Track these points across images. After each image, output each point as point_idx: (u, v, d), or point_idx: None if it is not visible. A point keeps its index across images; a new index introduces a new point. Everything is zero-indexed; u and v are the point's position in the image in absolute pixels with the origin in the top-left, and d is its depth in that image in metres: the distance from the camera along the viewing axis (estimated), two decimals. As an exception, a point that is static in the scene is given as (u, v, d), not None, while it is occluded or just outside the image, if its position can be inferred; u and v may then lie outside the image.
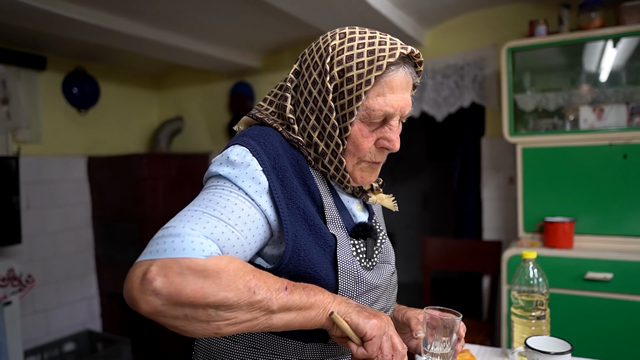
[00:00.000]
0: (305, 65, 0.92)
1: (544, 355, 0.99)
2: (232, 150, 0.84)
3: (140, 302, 0.65)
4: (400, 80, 0.87)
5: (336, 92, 0.87)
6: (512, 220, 2.81)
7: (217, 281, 0.66)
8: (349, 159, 0.91)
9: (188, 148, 3.94)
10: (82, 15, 2.37)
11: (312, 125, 0.89)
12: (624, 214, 2.19)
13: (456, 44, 2.95)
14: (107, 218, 3.36)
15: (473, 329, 2.59)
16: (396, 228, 5.45)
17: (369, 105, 0.86)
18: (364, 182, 0.95)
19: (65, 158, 3.26)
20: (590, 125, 2.30)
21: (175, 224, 0.72)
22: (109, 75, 3.60)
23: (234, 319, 0.68)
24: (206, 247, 0.69)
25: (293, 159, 0.88)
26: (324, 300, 0.77)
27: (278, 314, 0.72)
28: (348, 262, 0.87)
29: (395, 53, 0.84)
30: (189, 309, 0.65)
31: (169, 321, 0.67)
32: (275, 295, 0.71)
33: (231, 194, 0.80)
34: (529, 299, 1.21)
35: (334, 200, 0.94)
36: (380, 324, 0.77)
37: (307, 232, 0.85)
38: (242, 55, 3.42)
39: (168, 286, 0.64)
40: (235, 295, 0.67)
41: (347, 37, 0.88)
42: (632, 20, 2.17)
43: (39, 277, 3.04)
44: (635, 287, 2.00)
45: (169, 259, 0.66)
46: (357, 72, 0.84)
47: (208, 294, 0.65)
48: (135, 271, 0.67)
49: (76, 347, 3.19)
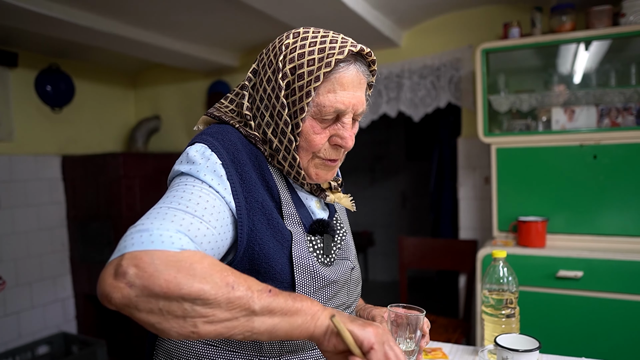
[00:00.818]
0: (262, 64, 0.94)
1: (512, 352, 1.01)
2: (191, 148, 0.86)
3: (113, 293, 0.63)
4: (351, 77, 0.88)
5: (288, 89, 0.88)
6: (488, 219, 2.86)
7: (191, 272, 0.64)
8: (303, 155, 0.92)
9: (165, 147, 3.90)
10: (55, 12, 2.32)
11: (267, 122, 0.91)
12: (594, 213, 2.24)
13: (433, 44, 2.98)
14: (82, 218, 3.30)
15: (449, 327, 2.62)
16: (375, 227, 5.49)
17: (319, 102, 0.87)
18: (320, 179, 0.95)
19: (38, 157, 3.19)
20: (562, 126, 2.35)
21: (143, 221, 0.71)
22: (84, 72, 3.53)
23: (212, 316, 0.65)
24: (176, 240, 0.68)
25: (252, 154, 0.90)
26: (312, 307, 0.72)
27: (260, 317, 0.68)
28: (303, 257, 0.88)
29: (345, 50, 0.86)
30: (163, 301, 0.63)
31: (144, 316, 0.64)
32: (257, 295, 0.67)
33: (194, 188, 0.80)
34: (499, 297, 1.23)
35: (292, 197, 0.95)
36: (378, 331, 0.72)
37: (266, 226, 0.85)
38: (220, 54, 3.40)
39: (141, 276, 0.62)
40: (212, 288, 0.64)
41: (301, 36, 0.90)
42: (600, 24, 2.22)
43: (10, 278, 2.98)
44: (604, 284, 2.05)
45: (138, 251, 0.65)
46: (307, 69, 0.86)
47: (182, 284, 0.62)
48: (106, 269, 0.66)
49: (50, 350, 3.13)
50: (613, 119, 2.28)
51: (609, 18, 2.22)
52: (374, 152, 5.54)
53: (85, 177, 3.26)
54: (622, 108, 2.26)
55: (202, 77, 3.74)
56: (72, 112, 3.45)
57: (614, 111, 2.28)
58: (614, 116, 2.28)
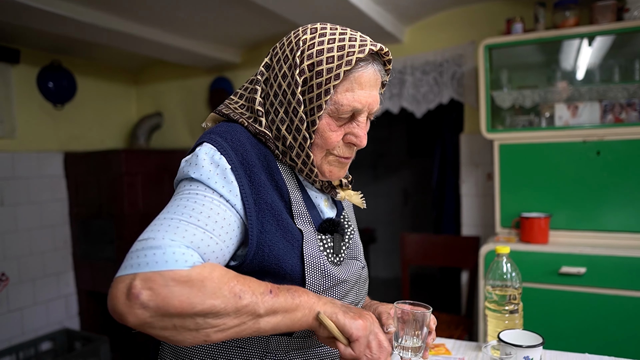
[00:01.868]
0: (276, 58, 0.92)
1: (516, 348, 1.01)
2: (201, 149, 0.85)
3: (128, 315, 0.66)
4: (369, 76, 0.88)
5: (305, 85, 0.87)
6: (490, 215, 2.85)
7: (202, 290, 0.67)
8: (317, 152, 0.91)
9: (167, 144, 3.90)
10: (57, 8, 2.32)
11: (281, 118, 0.90)
12: (597, 209, 2.24)
13: (435, 40, 2.97)
14: (84, 215, 3.31)
15: (452, 324, 2.62)
16: (377, 224, 5.49)
17: (337, 100, 0.87)
18: (333, 176, 0.95)
19: (40, 153, 3.19)
20: (565, 122, 2.35)
21: (153, 235, 0.71)
22: (86, 69, 3.53)
23: (222, 325, 0.69)
24: (188, 257, 0.69)
25: (260, 154, 0.89)
26: (309, 301, 0.78)
27: (265, 318, 0.73)
28: (314, 256, 0.88)
29: (365, 49, 0.85)
30: (177, 319, 0.67)
31: (158, 332, 0.68)
32: (261, 299, 0.72)
33: (205, 198, 0.80)
34: (502, 293, 1.23)
35: (302, 195, 0.94)
36: (366, 324, 0.79)
37: (275, 227, 0.85)
38: (222, 50, 3.39)
39: (155, 298, 0.65)
40: (222, 302, 0.68)
41: (318, 32, 0.89)
42: (604, 19, 2.21)
43: (13, 275, 2.99)
44: (607, 280, 2.05)
45: (151, 272, 0.66)
46: (326, 66, 0.85)
47: (195, 303, 0.66)
48: (117, 286, 0.67)
49: (53, 346, 3.14)
50: (616, 114, 2.27)
51: (612, 13, 2.20)
52: (376, 149, 5.53)
53: (87, 174, 3.26)
54: (626, 104, 2.25)
55: (204, 73, 3.74)
56: (74, 109, 3.45)
57: (618, 107, 2.27)
58: (617, 112, 2.27)
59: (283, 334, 0.88)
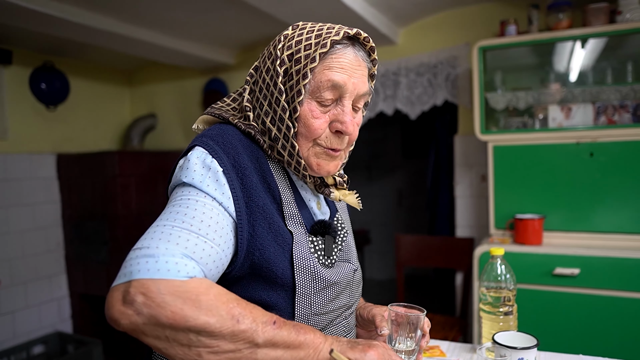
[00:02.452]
0: (262, 58, 0.94)
1: (511, 350, 1.01)
2: (192, 154, 0.84)
3: (121, 319, 0.65)
4: (349, 58, 0.87)
5: (286, 75, 0.88)
6: (484, 217, 2.86)
7: (197, 304, 0.66)
8: (302, 142, 0.90)
9: (161, 145, 3.88)
10: (50, 9, 2.30)
11: (265, 111, 0.90)
12: (591, 210, 2.25)
13: (429, 42, 2.98)
14: (77, 217, 3.28)
15: (446, 325, 2.62)
16: (372, 225, 5.49)
17: (316, 80, 0.86)
18: (322, 170, 0.92)
19: (33, 155, 3.17)
20: (559, 124, 2.36)
21: (147, 243, 0.71)
22: (79, 70, 3.51)
23: (216, 347, 0.67)
24: (181, 267, 0.68)
25: (252, 155, 0.88)
26: (315, 340, 0.74)
27: (264, 349, 0.70)
28: (304, 258, 0.87)
29: (340, 32, 0.86)
30: (170, 330, 0.65)
31: (152, 341, 0.67)
32: (262, 328, 0.69)
33: (198, 203, 0.79)
34: (497, 295, 1.23)
35: (294, 196, 0.94)
36: (379, 351, 0.76)
37: (267, 231, 0.85)
38: (216, 51, 3.38)
39: (149, 305, 0.64)
40: (218, 322, 0.66)
41: (300, 27, 0.91)
42: (597, 21, 2.22)
43: (5, 278, 2.96)
44: (601, 281, 2.06)
45: (145, 279, 0.66)
46: (304, 53, 0.86)
47: (188, 316, 0.65)
48: (113, 295, 0.67)
49: (45, 350, 3.11)
50: (609, 116, 2.28)
51: (605, 15, 2.22)
52: (370, 150, 5.53)
53: (80, 176, 3.24)
54: (619, 105, 2.27)
55: (198, 75, 3.73)
56: (67, 111, 3.43)
57: (611, 109, 2.28)
58: (610, 114, 2.28)
59: None
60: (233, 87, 3.59)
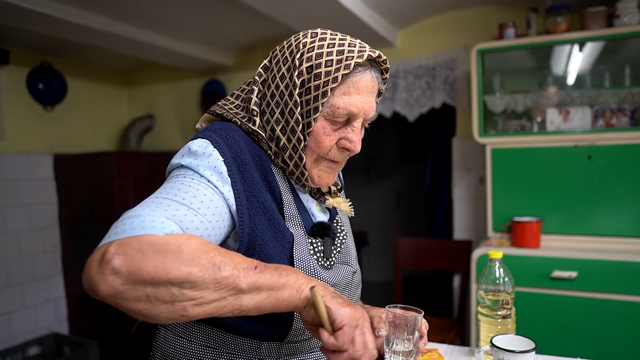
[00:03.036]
0: (275, 60, 0.92)
1: (509, 353, 1.00)
2: (193, 142, 0.85)
3: (98, 283, 0.62)
4: (366, 82, 0.88)
5: (303, 87, 0.87)
6: (482, 220, 2.86)
7: (178, 255, 0.64)
8: (309, 155, 0.91)
9: (159, 146, 3.87)
10: (48, 9, 2.30)
11: (276, 119, 0.89)
12: (588, 214, 2.25)
13: (428, 44, 2.98)
14: (74, 218, 3.27)
15: (443, 328, 2.62)
16: (369, 227, 5.49)
17: (333, 103, 0.86)
18: (321, 182, 0.94)
19: (30, 156, 3.16)
20: (557, 127, 2.36)
21: (136, 208, 0.71)
22: (76, 70, 3.50)
23: (200, 298, 0.65)
24: (167, 226, 0.68)
25: (255, 153, 0.89)
26: (298, 281, 0.74)
27: (248, 294, 0.69)
28: (304, 259, 0.87)
29: (364, 54, 0.86)
30: (151, 287, 0.63)
31: (131, 304, 0.63)
32: (244, 273, 0.68)
33: (193, 181, 0.79)
34: (495, 298, 1.22)
35: (294, 198, 0.94)
36: (354, 314, 0.72)
37: (267, 227, 0.85)
38: (214, 52, 3.38)
39: (128, 263, 0.62)
40: (199, 271, 0.64)
41: (319, 36, 0.90)
42: (595, 25, 2.23)
43: (1, 278, 2.94)
44: (598, 285, 2.06)
45: (127, 237, 0.65)
46: (325, 69, 0.85)
47: (169, 268, 0.62)
48: (94, 256, 0.65)
49: (41, 351, 3.10)
50: (607, 119, 2.28)
51: (603, 19, 2.22)
52: (368, 152, 5.53)
53: (77, 177, 3.23)
54: (617, 109, 2.27)
55: (196, 76, 3.72)
56: (65, 111, 3.42)
57: (608, 112, 2.28)
58: (608, 117, 2.28)
59: (274, 340, 0.87)
60: (231, 88, 3.59)
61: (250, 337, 0.87)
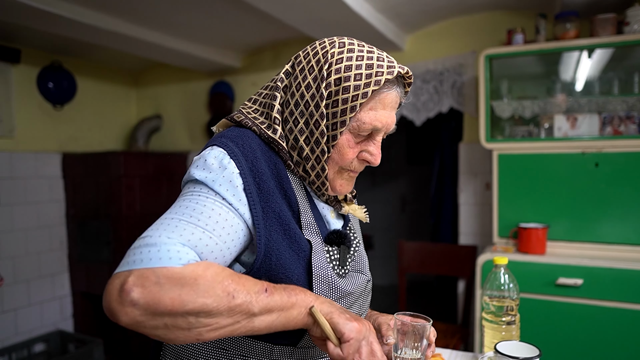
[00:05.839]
0: (300, 67, 0.91)
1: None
2: (210, 152, 0.84)
3: (119, 314, 0.65)
4: (392, 98, 0.89)
5: (330, 99, 0.87)
6: (488, 225, 2.85)
7: (194, 288, 0.66)
8: (331, 167, 0.92)
9: (166, 147, 3.89)
10: (59, 9, 2.32)
11: (300, 129, 0.89)
12: (595, 221, 2.24)
13: (436, 49, 2.98)
14: (81, 216, 3.30)
15: (447, 333, 2.61)
16: (375, 231, 5.48)
17: (360, 118, 0.87)
18: (342, 191, 0.96)
19: (38, 154, 3.19)
20: (564, 134, 2.35)
21: (151, 233, 0.72)
22: (86, 70, 3.53)
23: (215, 324, 0.68)
24: (183, 255, 0.69)
25: (271, 162, 0.88)
26: (306, 300, 0.77)
27: (259, 317, 0.72)
28: (322, 268, 0.87)
29: (393, 71, 0.86)
30: (168, 317, 0.66)
31: (150, 331, 0.67)
32: (255, 298, 0.71)
33: (207, 200, 0.79)
34: (499, 304, 1.22)
35: (310, 206, 0.94)
36: (361, 328, 0.77)
37: (282, 237, 0.84)
38: (223, 54, 3.40)
39: (145, 296, 0.64)
40: (214, 301, 0.67)
41: (347, 47, 0.89)
42: (605, 32, 2.22)
43: (8, 275, 2.97)
44: (604, 292, 2.05)
45: (145, 269, 0.66)
46: (354, 83, 0.85)
47: (186, 301, 0.65)
48: (112, 283, 0.67)
49: (46, 348, 3.12)
50: (615, 127, 2.27)
51: (613, 26, 2.21)
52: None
53: (85, 176, 3.26)
54: (625, 116, 2.26)
55: (204, 77, 3.74)
56: (74, 110, 3.45)
57: (617, 119, 2.27)
58: (616, 124, 2.27)
59: (287, 344, 0.88)
60: (239, 90, 3.60)
61: (263, 341, 0.87)
